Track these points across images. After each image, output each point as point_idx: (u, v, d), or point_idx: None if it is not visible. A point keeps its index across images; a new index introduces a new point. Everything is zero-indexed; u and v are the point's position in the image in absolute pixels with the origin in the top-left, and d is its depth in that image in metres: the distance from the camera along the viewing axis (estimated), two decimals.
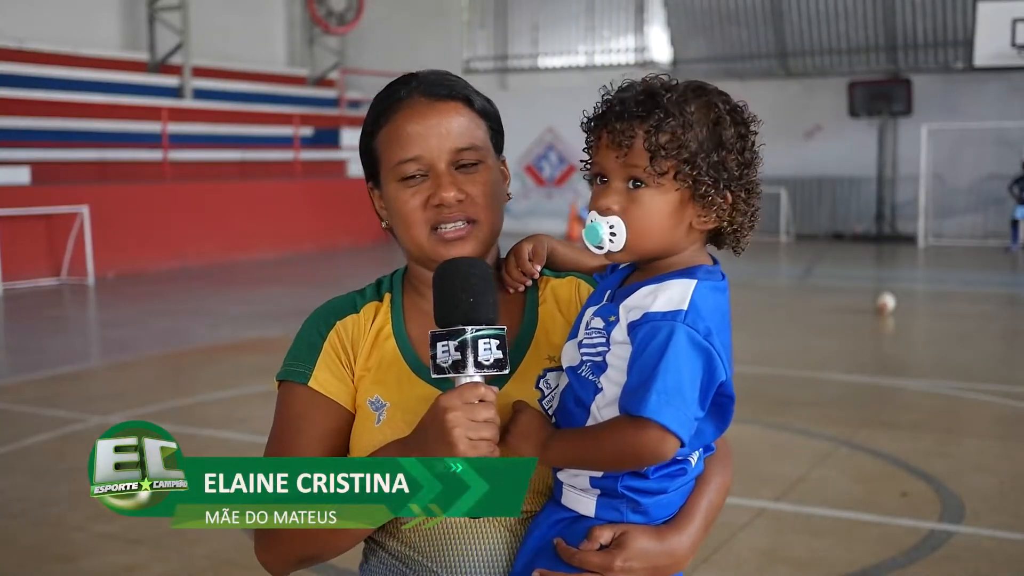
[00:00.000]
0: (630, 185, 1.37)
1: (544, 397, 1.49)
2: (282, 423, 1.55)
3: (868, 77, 19.96)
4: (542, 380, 1.51)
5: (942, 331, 10.16)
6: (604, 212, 1.38)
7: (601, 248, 1.39)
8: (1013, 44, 17.08)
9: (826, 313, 11.01)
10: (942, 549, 4.40)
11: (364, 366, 1.55)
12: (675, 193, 1.36)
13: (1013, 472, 5.49)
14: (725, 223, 1.39)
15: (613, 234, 1.37)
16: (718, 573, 4.17)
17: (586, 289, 1.57)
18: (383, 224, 1.59)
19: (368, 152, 1.57)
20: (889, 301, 10.68)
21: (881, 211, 19.81)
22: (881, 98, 19.51)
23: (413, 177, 1.50)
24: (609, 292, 1.44)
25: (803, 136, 20.03)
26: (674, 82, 1.39)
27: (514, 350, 1.52)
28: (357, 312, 1.58)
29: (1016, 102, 18.34)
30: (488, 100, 1.58)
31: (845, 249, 18.50)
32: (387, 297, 1.61)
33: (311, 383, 1.54)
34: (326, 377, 1.54)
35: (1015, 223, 17.56)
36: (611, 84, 1.41)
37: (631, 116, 1.35)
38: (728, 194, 1.36)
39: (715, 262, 1.44)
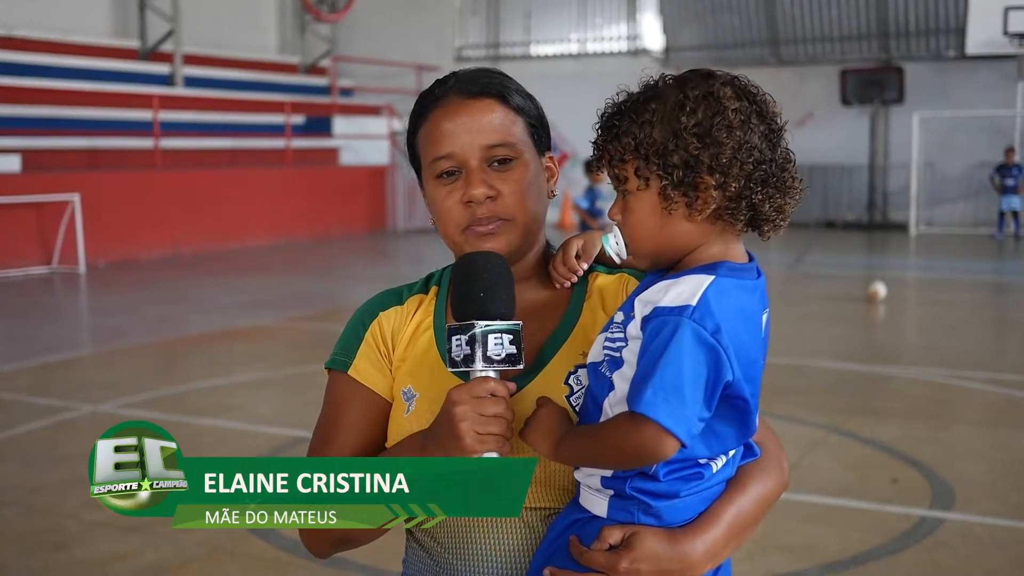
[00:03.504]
0: (621, 192, 1.40)
1: (573, 393, 1.48)
2: (326, 409, 1.60)
3: (860, 65, 19.97)
4: (572, 376, 1.50)
5: (933, 319, 10.20)
6: (614, 223, 1.42)
7: (617, 257, 1.43)
8: (1005, 32, 17.10)
9: (817, 301, 11.04)
10: (933, 535, 4.43)
11: (401, 356, 1.57)
12: (649, 192, 1.36)
13: (1003, 459, 5.52)
14: (720, 209, 1.35)
15: (617, 242, 1.41)
16: None
17: (635, 287, 1.55)
18: (431, 221, 1.60)
19: (411, 151, 1.60)
20: (880, 289, 10.71)
21: (872, 199, 19.85)
22: (873, 86, 19.53)
23: (449, 174, 1.51)
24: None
25: (795, 124, 19.91)
26: (659, 79, 1.39)
27: (549, 344, 1.53)
28: (401, 304, 1.61)
29: (1008, 90, 18.36)
30: (529, 96, 1.58)
31: (836, 237, 18.53)
32: (433, 291, 1.62)
33: (351, 372, 1.58)
34: (365, 366, 1.57)
35: (1002, 214, 17.64)
36: (607, 99, 1.42)
37: (602, 130, 1.40)
38: (706, 178, 1.33)
39: (751, 259, 1.41)
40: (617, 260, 1.43)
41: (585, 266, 1.58)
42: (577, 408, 1.47)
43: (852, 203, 20.15)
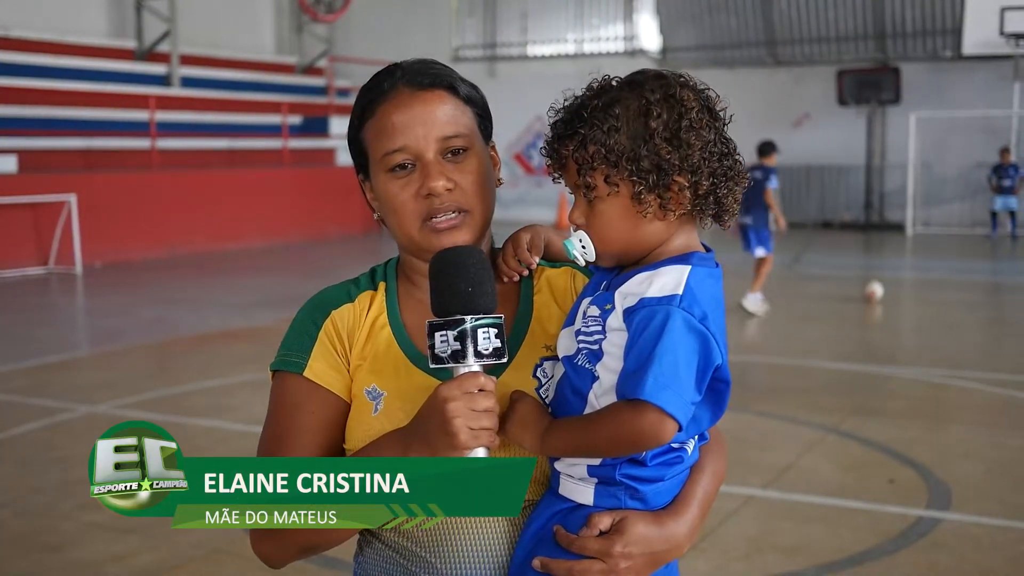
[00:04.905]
0: (587, 197, 1.41)
1: (541, 386, 1.50)
2: (277, 413, 1.54)
3: (857, 65, 19.98)
4: (539, 369, 1.51)
5: (929, 319, 10.21)
6: (575, 227, 1.42)
7: (583, 260, 1.44)
8: (1001, 32, 17.11)
9: (814, 301, 11.05)
10: (929, 536, 4.43)
11: (360, 355, 1.53)
12: (619, 197, 1.38)
13: (999, 459, 5.53)
14: (690, 206, 1.38)
15: (584, 246, 1.42)
16: (706, 560, 4.20)
17: (581, 279, 1.57)
18: (375, 215, 1.58)
19: (356, 144, 1.57)
20: (877, 289, 10.73)
21: (869, 199, 19.86)
22: (870, 86, 19.54)
23: (403, 167, 1.49)
24: (605, 282, 1.45)
25: (791, 124, 20.04)
26: (612, 82, 1.41)
27: (510, 340, 1.52)
28: (352, 301, 1.57)
29: (1004, 90, 18.38)
30: (474, 87, 1.57)
31: (833, 237, 18.55)
32: (382, 286, 1.59)
33: (306, 373, 1.52)
34: (321, 367, 1.52)
35: (995, 214, 17.67)
36: (553, 104, 1.44)
37: (560, 137, 1.41)
38: (679, 179, 1.36)
39: (708, 250, 1.44)
40: (582, 262, 1.44)
41: (537, 259, 1.58)
42: (547, 400, 1.48)
43: (849, 203, 20.17)
